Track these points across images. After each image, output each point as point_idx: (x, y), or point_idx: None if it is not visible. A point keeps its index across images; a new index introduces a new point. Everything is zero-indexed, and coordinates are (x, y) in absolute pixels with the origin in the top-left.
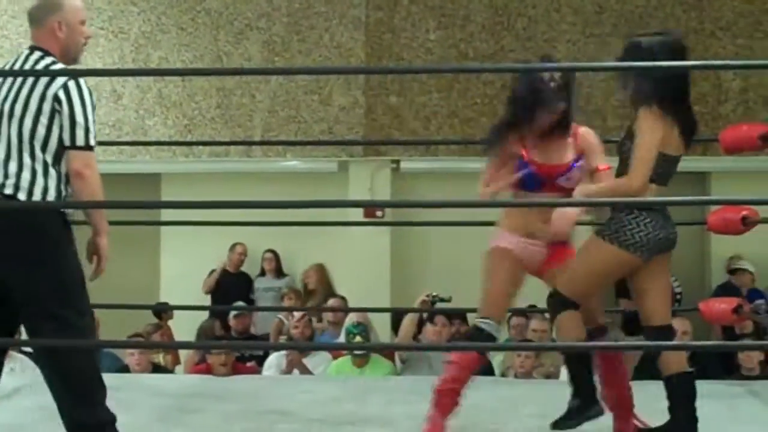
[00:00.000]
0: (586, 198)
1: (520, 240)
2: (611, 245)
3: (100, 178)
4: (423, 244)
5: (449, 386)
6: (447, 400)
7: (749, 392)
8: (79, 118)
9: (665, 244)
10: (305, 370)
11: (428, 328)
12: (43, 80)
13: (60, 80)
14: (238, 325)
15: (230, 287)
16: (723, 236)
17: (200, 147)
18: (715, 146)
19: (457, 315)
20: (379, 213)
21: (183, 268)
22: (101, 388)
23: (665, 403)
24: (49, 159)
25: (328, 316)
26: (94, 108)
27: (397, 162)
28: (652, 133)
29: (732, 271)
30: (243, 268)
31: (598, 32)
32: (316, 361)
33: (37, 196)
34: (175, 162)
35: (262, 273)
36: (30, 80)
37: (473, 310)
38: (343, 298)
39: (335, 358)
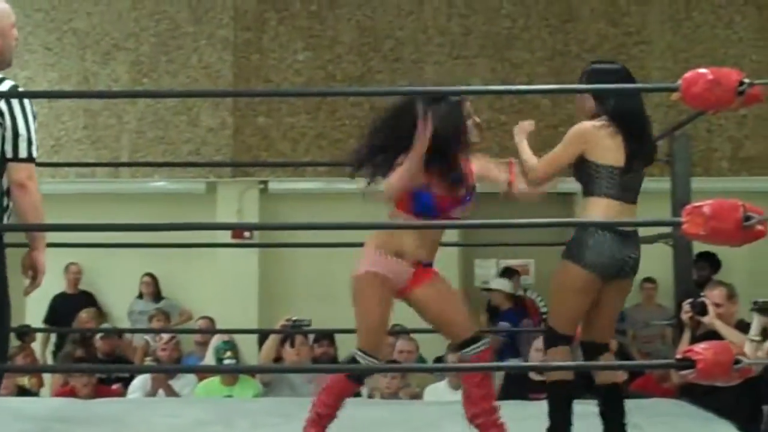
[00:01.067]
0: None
1: (388, 260)
2: (572, 264)
3: None
4: (291, 265)
5: (325, 412)
6: (319, 428)
7: None
8: (22, 129)
9: (621, 267)
10: (171, 393)
11: (287, 350)
12: None
13: (1, 91)
14: (104, 347)
15: (69, 308)
16: None
17: (67, 168)
18: None
19: (325, 336)
20: (247, 234)
21: (49, 289)
22: None
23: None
24: None
25: (195, 337)
26: (35, 118)
27: (265, 183)
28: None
29: None
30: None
31: (465, 54)
32: (183, 382)
33: None
34: (41, 183)
35: (140, 296)
36: None
37: (341, 331)
38: (210, 320)
39: (202, 378)
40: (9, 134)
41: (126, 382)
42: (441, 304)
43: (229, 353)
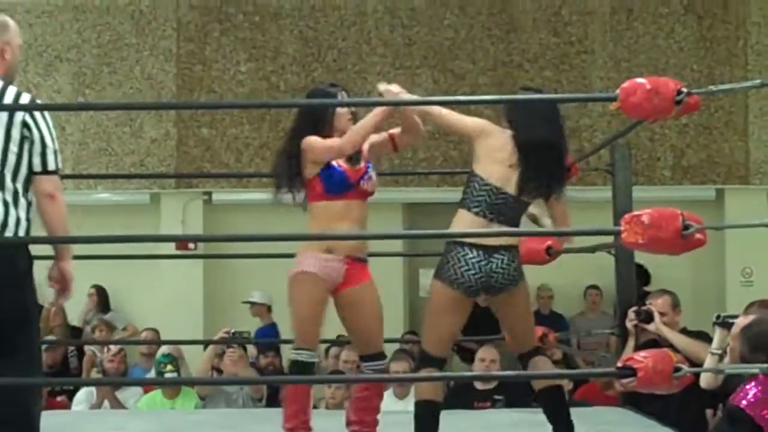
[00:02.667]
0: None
1: (319, 257)
2: (439, 282)
3: None
4: (236, 276)
5: (301, 418)
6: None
7: None
8: (49, 141)
9: (493, 286)
10: (117, 404)
11: (225, 362)
12: (5, 104)
13: (23, 102)
14: (48, 359)
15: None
16: (533, 266)
17: None
18: None
19: (271, 348)
20: (191, 245)
21: None
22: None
23: None
24: (19, 187)
25: (140, 349)
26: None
27: (209, 194)
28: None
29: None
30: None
31: (408, 64)
32: (129, 393)
33: (10, 227)
34: None
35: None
36: None
37: (285, 342)
38: (156, 331)
39: (146, 391)
40: (38, 147)
41: (70, 394)
42: (364, 311)
43: (169, 366)
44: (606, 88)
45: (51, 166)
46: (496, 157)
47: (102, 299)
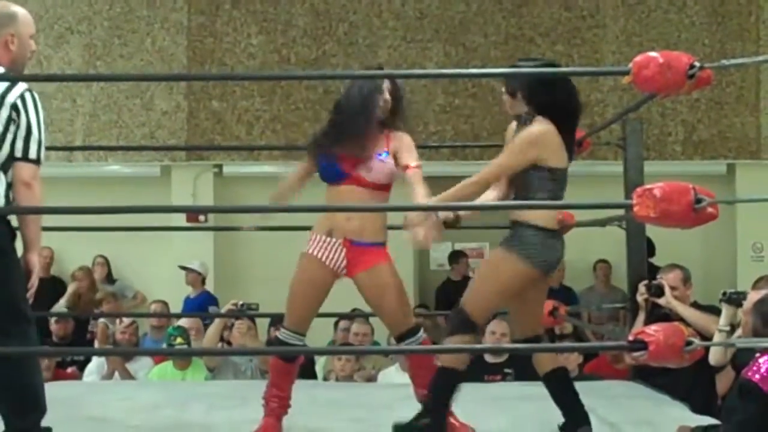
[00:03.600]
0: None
1: (321, 239)
2: (522, 261)
3: None
4: (246, 248)
5: (273, 392)
6: (274, 404)
7: None
8: (35, 130)
9: (558, 265)
10: (128, 375)
11: (234, 334)
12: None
13: (18, 89)
14: (59, 331)
15: (41, 293)
16: None
17: None
18: None
19: (280, 320)
20: (201, 218)
21: None
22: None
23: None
24: None
25: (150, 320)
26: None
27: (220, 166)
28: (519, 152)
29: None
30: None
31: (420, 38)
32: (139, 365)
33: None
34: None
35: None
36: None
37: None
38: (165, 303)
39: (157, 362)
40: (22, 132)
41: (81, 365)
42: (378, 295)
43: (179, 339)
44: (617, 63)
45: (32, 155)
46: (554, 146)
47: (107, 269)
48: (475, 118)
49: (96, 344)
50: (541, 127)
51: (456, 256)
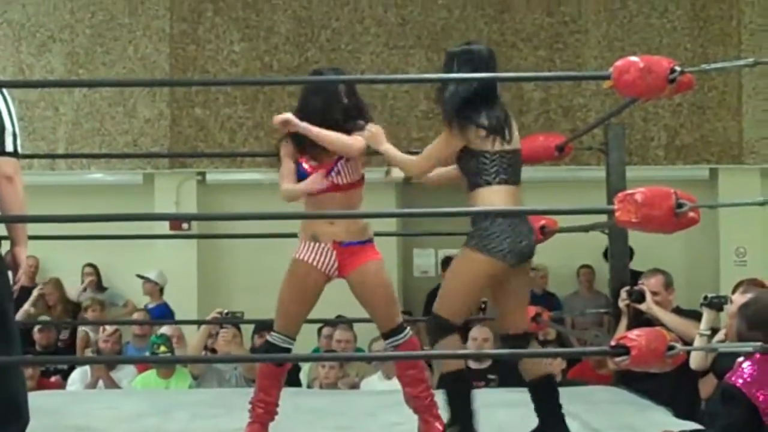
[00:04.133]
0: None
1: (309, 245)
2: (480, 254)
3: None
4: (230, 256)
5: (260, 397)
6: (260, 410)
7: None
8: (7, 123)
9: (527, 252)
10: (112, 383)
11: (219, 342)
12: None
13: None
14: (42, 339)
15: (22, 300)
16: None
17: None
18: None
19: (265, 327)
20: (185, 225)
21: None
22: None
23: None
24: None
25: (134, 328)
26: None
27: (203, 174)
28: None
29: None
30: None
31: (402, 44)
32: (123, 373)
33: None
34: None
35: (85, 289)
36: None
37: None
38: (147, 311)
39: (141, 371)
40: None
41: (65, 374)
42: (369, 290)
43: (163, 347)
44: (599, 68)
45: (9, 148)
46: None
47: (97, 278)
48: None
49: (78, 353)
50: None
51: (447, 262)
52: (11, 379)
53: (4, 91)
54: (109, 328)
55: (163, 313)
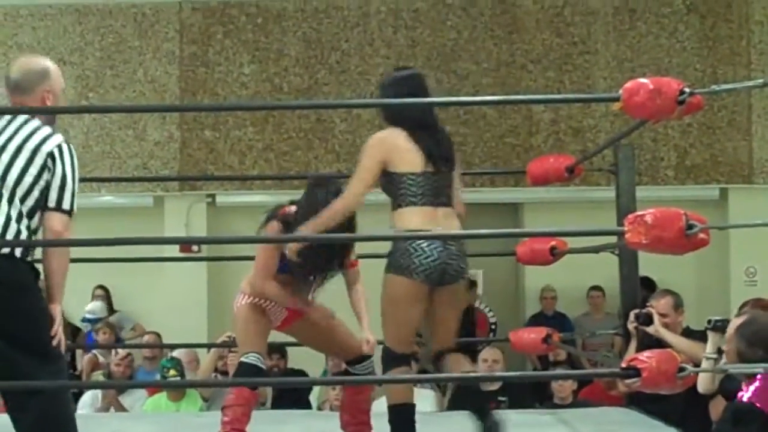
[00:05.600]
0: (317, 228)
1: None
2: (395, 275)
3: None
4: (240, 279)
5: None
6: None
7: (559, 420)
8: (69, 181)
9: (448, 273)
10: (120, 408)
11: (229, 364)
12: (38, 136)
13: (55, 140)
14: None
15: None
16: (537, 267)
17: None
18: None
19: (275, 350)
20: (195, 248)
21: None
22: None
23: None
24: (25, 210)
25: (144, 352)
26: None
27: (213, 196)
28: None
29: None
30: None
31: (411, 65)
32: (133, 398)
33: (9, 238)
34: None
35: None
36: (22, 134)
37: (290, 344)
38: (158, 335)
39: (151, 394)
40: (57, 182)
41: (75, 397)
42: (317, 335)
43: (172, 371)
44: (609, 89)
45: (66, 206)
46: (402, 151)
47: (108, 300)
48: (467, 145)
49: (83, 376)
50: (380, 133)
51: None
52: (63, 403)
53: (72, 149)
54: (122, 352)
55: None
